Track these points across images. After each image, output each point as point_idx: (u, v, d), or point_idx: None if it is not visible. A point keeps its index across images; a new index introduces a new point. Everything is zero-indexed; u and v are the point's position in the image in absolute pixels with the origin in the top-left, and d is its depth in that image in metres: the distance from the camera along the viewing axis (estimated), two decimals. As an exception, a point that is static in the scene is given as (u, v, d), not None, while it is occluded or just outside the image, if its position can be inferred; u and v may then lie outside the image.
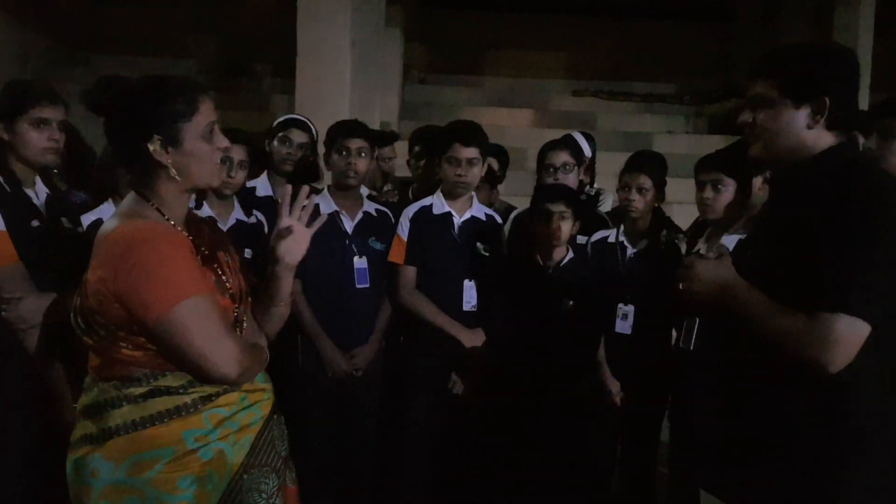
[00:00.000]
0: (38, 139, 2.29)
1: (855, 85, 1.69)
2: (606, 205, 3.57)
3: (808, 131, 1.65)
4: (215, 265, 1.67)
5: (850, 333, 1.49)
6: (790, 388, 1.62)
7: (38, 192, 2.38)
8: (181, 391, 1.56)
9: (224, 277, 1.68)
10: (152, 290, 1.48)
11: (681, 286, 1.73)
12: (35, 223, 2.28)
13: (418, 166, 3.67)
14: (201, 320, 1.51)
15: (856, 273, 1.49)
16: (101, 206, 2.63)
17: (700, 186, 2.72)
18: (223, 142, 1.66)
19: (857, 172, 1.61)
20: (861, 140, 2.30)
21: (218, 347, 1.53)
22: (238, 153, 2.82)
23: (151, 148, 1.57)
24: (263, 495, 1.64)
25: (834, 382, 1.54)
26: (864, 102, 3.02)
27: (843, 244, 1.51)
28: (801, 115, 1.64)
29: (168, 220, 1.62)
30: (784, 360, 1.58)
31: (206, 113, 1.62)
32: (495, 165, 3.65)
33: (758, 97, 1.68)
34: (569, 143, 3.34)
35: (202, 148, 1.62)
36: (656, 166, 3.02)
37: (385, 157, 4.10)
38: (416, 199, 3.20)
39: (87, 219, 2.54)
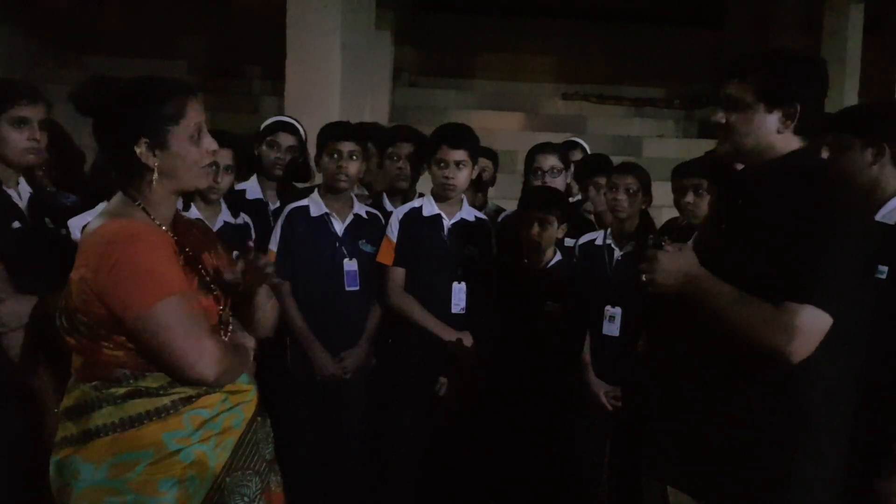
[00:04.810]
0: (18, 139, 2.24)
1: (824, 94, 1.75)
2: None
3: (776, 135, 1.72)
4: (199, 266, 1.67)
5: (814, 324, 1.57)
6: (744, 382, 1.67)
7: (21, 192, 2.34)
8: (161, 392, 1.56)
9: (208, 279, 1.68)
10: (132, 289, 1.49)
11: (643, 277, 1.77)
12: (16, 224, 2.25)
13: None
14: (180, 319, 1.51)
15: (823, 269, 1.57)
16: (94, 210, 2.59)
17: (681, 191, 2.73)
18: (212, 144, 1.66)
19: (825, 177, 1.71)
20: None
21: (197, 347, 1.52)
22: (224, 158, 2.79)
23: (138, 150, 1.57)
24: (245, 499, 1.63)
25: (787, 377, 1.61)
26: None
27: (814, 241, 1.58)
28: (773, 119, 1.71)
29: (154, 220, 1.62)
30: (738, 354, 1.64)
31: (193, 115, 1.62)
32: (490, 169, 3.64)
33: (731, 98, 1.74)
34: (557, 147, 3.36)
35: (189, 150, 1.62)
36: (641, 170, 3.04)
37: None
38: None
39: (78, 221, 2.49)
